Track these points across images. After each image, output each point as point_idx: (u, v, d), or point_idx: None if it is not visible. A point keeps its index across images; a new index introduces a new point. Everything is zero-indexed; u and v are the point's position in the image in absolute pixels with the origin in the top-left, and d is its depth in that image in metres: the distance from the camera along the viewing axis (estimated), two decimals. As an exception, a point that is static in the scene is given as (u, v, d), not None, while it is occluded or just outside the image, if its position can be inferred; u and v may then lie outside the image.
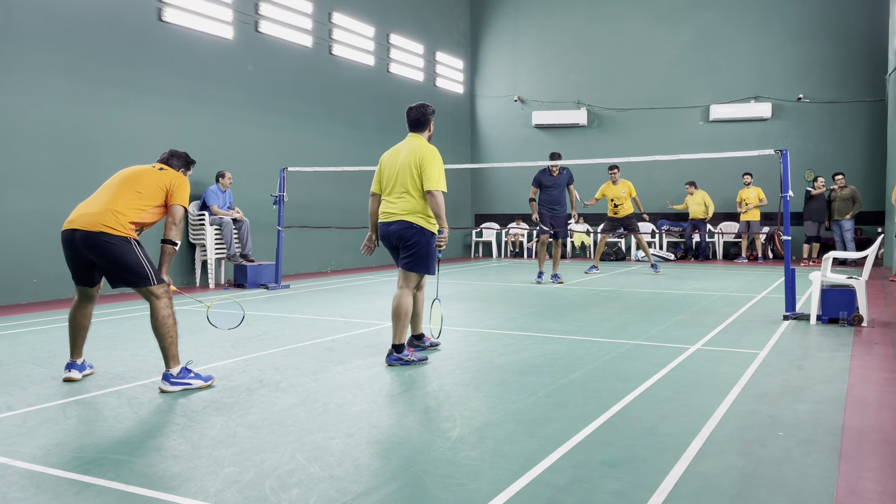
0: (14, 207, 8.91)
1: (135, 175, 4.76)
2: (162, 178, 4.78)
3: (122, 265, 4.53)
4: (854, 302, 6.93)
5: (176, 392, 4.49)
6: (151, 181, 4.73)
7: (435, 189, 5.23)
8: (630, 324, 7.11)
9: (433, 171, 5.26)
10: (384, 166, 5.51)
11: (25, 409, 4.10)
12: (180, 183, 4.81)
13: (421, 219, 5.31)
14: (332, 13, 14.23)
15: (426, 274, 5.45)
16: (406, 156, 5.36)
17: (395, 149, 5.54)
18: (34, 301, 9.04)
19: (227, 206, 11.19)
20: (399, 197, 5.34)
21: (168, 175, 4.82)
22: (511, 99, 18.82)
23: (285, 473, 3.06)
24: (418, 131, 5.56)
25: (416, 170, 5.28)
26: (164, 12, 10.75)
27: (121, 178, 4.75)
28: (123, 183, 4.69)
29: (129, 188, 4.66)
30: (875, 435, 3.62)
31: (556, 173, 11.10)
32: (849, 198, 14.08)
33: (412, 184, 5.29)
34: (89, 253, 4.57)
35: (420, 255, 5.33)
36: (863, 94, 15.95)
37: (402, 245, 5.36)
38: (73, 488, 2.92)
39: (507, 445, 3.42)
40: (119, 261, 4.52)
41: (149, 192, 4.68)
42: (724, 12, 16.95)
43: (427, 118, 5.55)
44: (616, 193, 12.79)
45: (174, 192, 4.75)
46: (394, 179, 5.38)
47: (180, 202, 4.75)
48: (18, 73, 8.93)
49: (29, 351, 5.80)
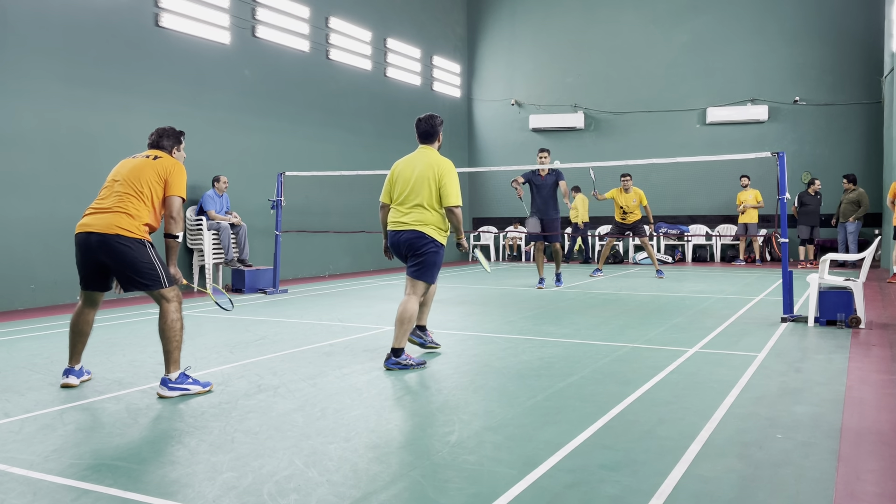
0: (11, 213, 8.89)
1: (135, 172, 4.69)
2: (158, 168, 4.71)
3: (136, 268, 4.54)
4: (852, 304, 6.93)
5: (174, 398, 4.49)
6: (152, 174, 4.68)
7: (455, 205, 5.41)
8: (628, 327, 7.11)
9: (453, 188, 5.42)
10: (397, 177, 5.57)
11: (23, 415, 4.09)
12: (177, 171, 4.75)
13: (434, 230, 5.43)
14: (329, 18, 14.24)
15: (431, 283, 5.55)
16: (423, 169, 5.45)
17: (408, 160, 5.60)
18: (31, 307, 9.03)
19: (224, 210, 11.18)
20: (412, 208, 5.42)
21: (164, 163, 4.75)
22: (508, 103, 18.84)
23: (283, 479, 3.05)
24: (429, 143, 5.67)
25: (434, 184, 5.40)
26: (160, 17, 10.76)
27: (124, 177, 4.68)
28: (128, 183, 4.65)
29: (133, 187, 4.63)
30: (873, 437, 3.62)
31: (544, 174, 10.80)
32: (855, 200, 14.10)
33: (428, 197, 5.40)
34: (105, 256, 4.56)
35: (427, 265, 5.44)
36: (859, 97, 15.99)
37: (411, 253, 5.45)
38: (70, 495, 2.91)
39: (506, 449, 3.42)
40: (134, 264, 4.54)
41: (152, 188, 4.66)
42: (720, 15, 17.00)
43: (436, 129, 5.66)
44: (626, 202, 12.71)
45: (171, 182, 4.71)
46: (408, 191, 5.45)
47: (177, 193, 4.71)
48: (15, 79, 8.93)
49: (26, 357, 5.79)
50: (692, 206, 17.06)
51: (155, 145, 4.92)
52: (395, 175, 5.59)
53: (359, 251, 14.86)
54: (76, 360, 4.88)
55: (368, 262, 15.17)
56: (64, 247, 9.38)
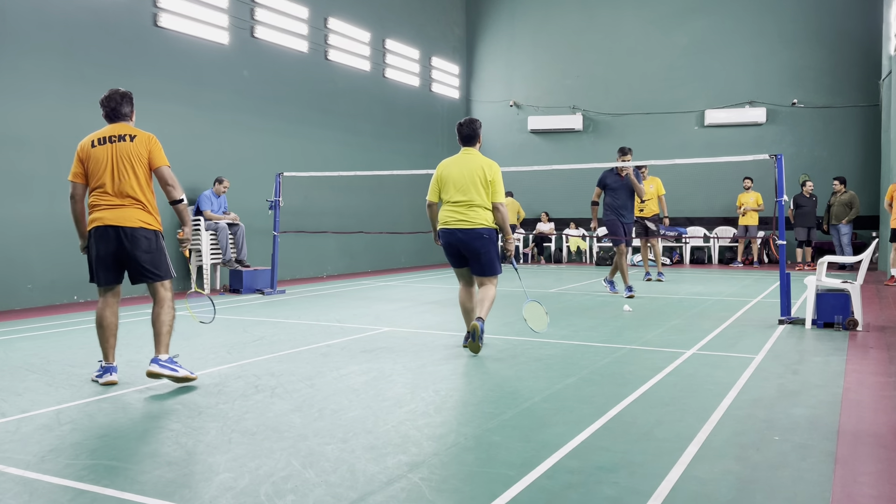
0: (9, 213, 8.88)
1: (124, 157, 4.75)
2: (140, 149, 4.79)
3: (152, 260, 4.77)
4: (849, 306, 6.94)
5: (163, 374, 4.65)
6: (138, 155, 4.77)
7: (501, 202, 5.94)
8: (626, 328, 7.11)
9: (500, 186, 5.98)
10: (446, 177, 5.99)
11: (19, 415, 4.08)
12: (154, 143, 4.85)
13: (492, 226, 5.96)
14: (328, 18, 14.24)
15: (499, 272, 6.03)
16: (474, 170, 5.93)
17: (454, 161, 6.04)
18: (29, 307, 9.01)
19: (221, 210, 11.17)
20: (469, 208, 5.88)
21: (141, 139, 4.81)
22: (507, 104, 18.85)
23: (280, 479, 3.05)
24: (471, 145, 6.12)
25: (485, 183, 5.90)
26: (159, 17, 10.75)
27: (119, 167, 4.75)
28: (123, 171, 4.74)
29: (131, 171, 4.74)
30: (870, 439, 3.62)
31: (624, 174, 9.85)
32: (846, 203, 14.13)
33: (482, 196, 5.89)
34: (128, 248, 4.71)
35: (492, 258, 5.96)
36: (856, 99, 16.02)
37: (474, 252, 5.91)
38: (67, 495, 2.90)
39: (503, 450, 3.42)
40: (151, 256, 4.76)
41: (143, 169, 4.79)
42: (718, 18, 17.02)
43: (477, 132, 6.13)
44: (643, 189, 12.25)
45: (154, 155, 4.82)
46: (461, 190, 5.89)
47: (161, 163, 4.84)
48: (13, 78, 8.91)
49: (23, 357, 5.78)
50: (690, 208, 17.07)
51: (115, 114, 4.90)
52: (444, 176, 6.00)
53: (356, 252, 14.86)
54: (112, 357, 4.88)
55: (366, 263, 15.16)
56: (62, 247, 9.38)
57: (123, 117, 4.91)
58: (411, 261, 16.73)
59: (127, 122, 4.93)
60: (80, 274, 9.59)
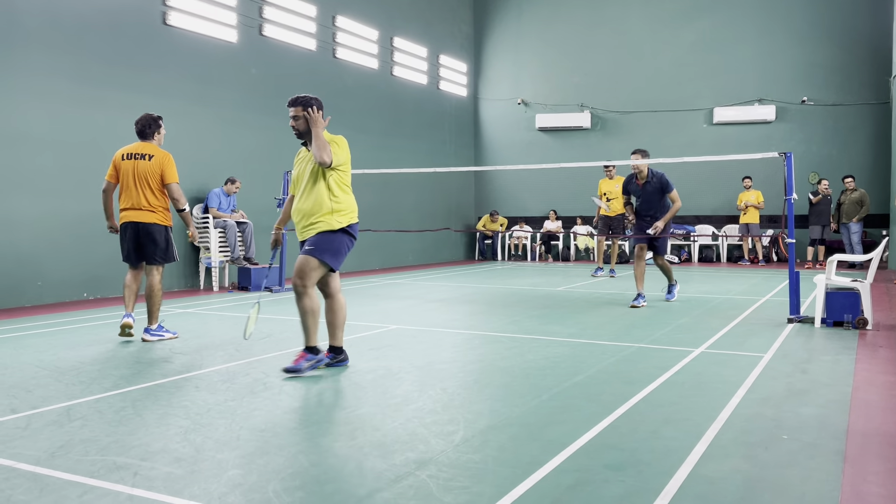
0: (19, 211, 8.93)
1: (142, 173, 6.22)
2: (154, 167, 6.22)
3: (160, 248, 6.32)
4: (859, 305, 6.91)
5: (154, 341, 6.18)
6: (153, 172, 6.23)
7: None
8: (634, 327, 7.10)
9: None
10: None
11: (30, 411, 4.11)
12: (167, 162, 6.28)
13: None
14: (336, 16, 14.25)
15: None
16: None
17: None
18: (39, 304, 9.07)
19: (229, 209, 11.20)
20: None
21: (157, 158, 6.25)
22: (514, 102, 18.83)
23: (289, 476, 3.06)
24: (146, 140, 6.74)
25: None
26: (168, 16, 10.78)
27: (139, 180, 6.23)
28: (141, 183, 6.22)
29: (146, 186, 6.23)
30: (879, 438, 3.61)
31: (642, 181, 8.71)
32: (857, 201, 14.07)
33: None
34: (144, 239, 6.28)
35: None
36: (867, 97, 15.93)
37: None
38: (77, 490, 2.92)
39: (511, 449, 3.42)
40: (160, 244, 6.31)
41: (157, 182, 6.25)
42: (727, 15, 16.95)
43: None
44: (609, 188, 12.42)
45: (166, 172, 6.27)
46: None
47: (172, 180, 6.30)
48: (23, 76, 8.96)
49: (33, 354, 5.82)
50: (698, 206, 17.01)
51: (141, 135, 6.39)
52: None
53: (364, 250, 14.86)
54: (130, 308, 6.34)
55: (373, 261, 15.18)
56: (71, 244, 9.43)
57: (148, 137, 6.38)
58: (419, 259, 16.73)
59: (150, 140, 6.38)
60: (89, 271, 9.66)
